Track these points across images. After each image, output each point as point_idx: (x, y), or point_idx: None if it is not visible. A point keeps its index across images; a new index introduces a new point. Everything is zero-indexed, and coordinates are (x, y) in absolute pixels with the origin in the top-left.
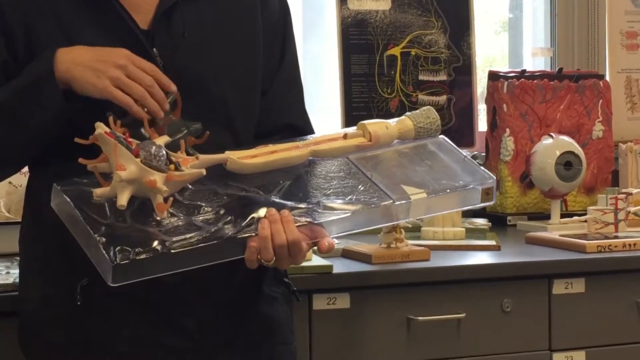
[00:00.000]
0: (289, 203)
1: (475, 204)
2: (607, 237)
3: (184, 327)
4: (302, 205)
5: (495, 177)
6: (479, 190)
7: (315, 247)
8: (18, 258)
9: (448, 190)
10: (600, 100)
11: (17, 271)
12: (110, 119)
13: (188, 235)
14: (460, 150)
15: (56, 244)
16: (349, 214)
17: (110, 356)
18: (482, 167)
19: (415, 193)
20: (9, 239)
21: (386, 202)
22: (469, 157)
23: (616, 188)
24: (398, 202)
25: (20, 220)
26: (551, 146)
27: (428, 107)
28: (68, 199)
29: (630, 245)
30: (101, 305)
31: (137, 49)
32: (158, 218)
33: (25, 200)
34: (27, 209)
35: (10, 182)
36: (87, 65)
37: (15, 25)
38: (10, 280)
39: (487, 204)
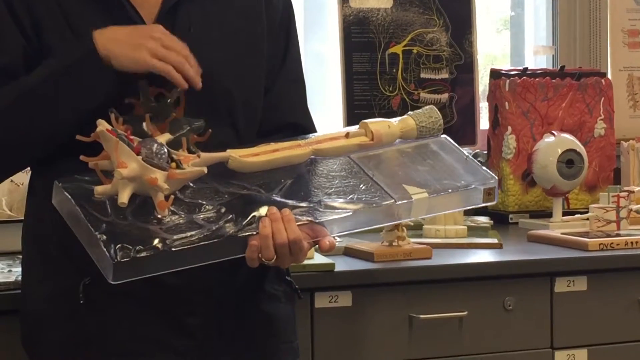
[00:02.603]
0: (290, 202)
1: (476, 204)
2: (609, 235)
3: (186, 326)
4: (304, 204)
5: (496, 177)
6: (481, 190)
7: (317, 246)
8: (20, 256)
9: (450, 190)
10: (602, 98)
11: (19, 269)
12: (112, 116)
13: (189, 234)
14: (462, 150)
15: (58, 242)
16: (350, 213)
17: (113, 355)
18: (483, 167)
19: (417, 193)
20: (11, 237)
21: (388, 202)
22: (470, 157)
23: (618, 186)
24: (400, 202)
25: (22, 218)
26: (553, 144)
27: (430, 106)
28: (69, 196)
29: (632, 243)
30: (104, 304)
31: None
32: (159, 216)
33: (27, 198)
34: (29, 207)
35: (12, 180)
36: (124, 40)
37: (22, 16)
38: (13, 279)
39: (488, 204)
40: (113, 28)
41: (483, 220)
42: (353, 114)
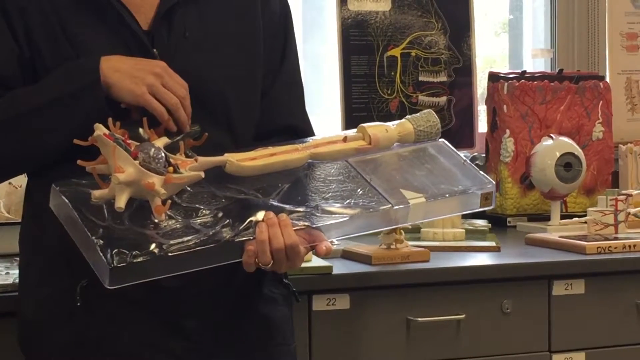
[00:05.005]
0: (287, 206)
1: (474, 209)
2: (607, 239)
3: (184, 329)
4: (301, 209)
5: (494, 182)
6: (478, 195)
7: (314, 251)
8: (18, 258)
9: (447, 195)
10: (600, 102)
11: (16, 271)
12: (110, 120)
13: (186, 239)
14: (460, 154)
15: (56, 245)
16: (347, 218)
17: (110, 357)
18: (481, 172)
19: (414, 198)
20: (8, 239)
21: (385, 207)
22: (468, 162)
23: (616, 189)
24: (397, 207)
25: (20, 220)
26: (551, 147)
27: (428, 110)
28: (66, 200)
29: (630, 246)
30: (100, 306)
31: (137, 49)
32: (156, 220)
33: (25, 201)
34: (27, 209)
35: (10, 183)
36: (125, 72)
37: (16, 21)
38: (10, 281)
39: (486, 208)
40: (119, 57)
41: (481, 223)
42: (351, 117)
